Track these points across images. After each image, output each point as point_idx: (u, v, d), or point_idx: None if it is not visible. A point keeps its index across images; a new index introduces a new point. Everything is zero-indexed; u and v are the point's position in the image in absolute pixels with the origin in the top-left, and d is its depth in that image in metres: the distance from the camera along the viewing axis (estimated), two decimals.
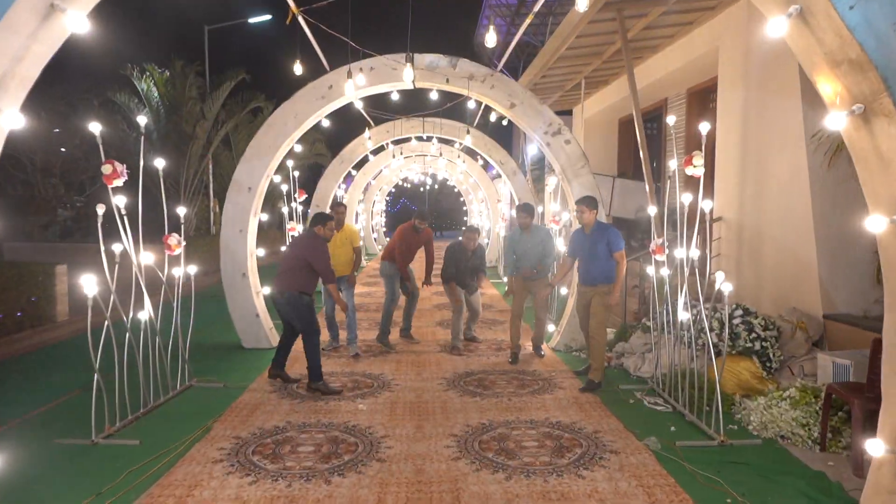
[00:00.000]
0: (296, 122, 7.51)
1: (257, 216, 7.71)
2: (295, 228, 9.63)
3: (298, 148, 9.38)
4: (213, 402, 5.43)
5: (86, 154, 16.90)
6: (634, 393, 5.73)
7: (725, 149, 8.00)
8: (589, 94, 14.01)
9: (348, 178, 19.47)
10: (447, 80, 7.32)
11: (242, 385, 5.94)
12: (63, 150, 17.30)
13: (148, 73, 16.55)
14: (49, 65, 2.99)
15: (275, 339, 7.42)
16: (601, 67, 11.61)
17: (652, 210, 5.84)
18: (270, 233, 19.50)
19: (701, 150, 4.64)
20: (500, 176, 17.95)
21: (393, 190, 31.08)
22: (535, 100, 7.41)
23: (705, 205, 4.68)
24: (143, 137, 5.31)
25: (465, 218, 26.94)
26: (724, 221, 7.92)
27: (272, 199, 18.84)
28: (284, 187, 9.89)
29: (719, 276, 4.34)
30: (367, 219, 21.56)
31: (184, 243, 5.53)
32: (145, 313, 5.11)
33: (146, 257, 5.12)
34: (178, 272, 5.62)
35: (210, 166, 17.64)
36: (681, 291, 5.05)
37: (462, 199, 27.70)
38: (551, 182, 8.91)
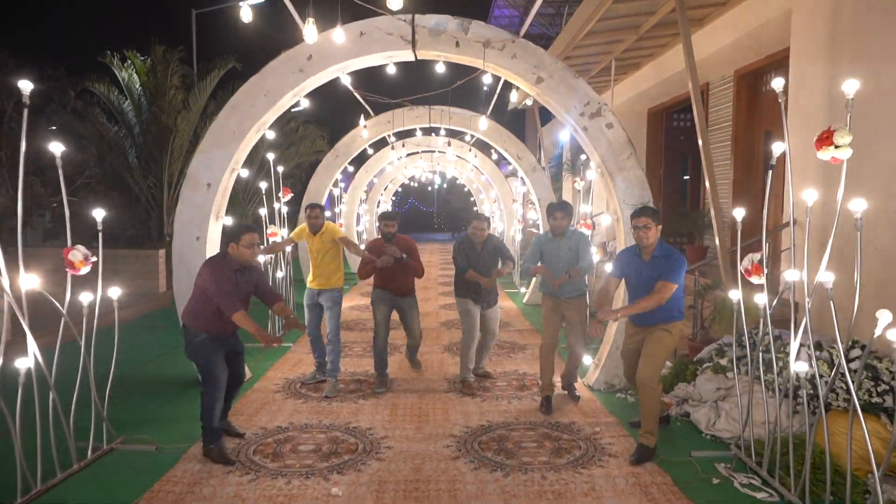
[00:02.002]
0: (267, 102, 5.97)
1: (220, 220, 6.18)
2: (277, 234, 8.10)
3: (271, 135, 7.81)
4: (133, 480, 3.90)
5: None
6: (715, 466, 4.15)
7: (801, 136, 6.41)
8: (617, 79, 12.42)
9: (348, 177, 17.91)
10: (457, 45, 5.72)
11: (181, 447, 4.40)
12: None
13: (129, 61, 15.13)
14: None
15: None
16: (633, 47, 10.07)
17: (739, 213, 4.26)
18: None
19: (846, 124, 3.05)
20: (514, 173, 16.35)
21: (399, 189, 29.46)
22: (569, 72, 5.83)
23: (856, 205, 3.06)
24: (25, 110, 3.73)
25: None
26: (800, 226, 6.32)
27: (259, 198, 17.31)
28: (264, 185, 8.37)
29: (884, 317, 2.77)
30: (370, 220, 19.91)
31: (94, 259, 4.02)
32: (29, 359, 3.61)
33: (29, 280, 3.61)
34: (86, 298, 4.11)
35: None
36: (795, 335, 3.49)
37: (472, 198, 26.04)
38: (588, 176, 7.29)
